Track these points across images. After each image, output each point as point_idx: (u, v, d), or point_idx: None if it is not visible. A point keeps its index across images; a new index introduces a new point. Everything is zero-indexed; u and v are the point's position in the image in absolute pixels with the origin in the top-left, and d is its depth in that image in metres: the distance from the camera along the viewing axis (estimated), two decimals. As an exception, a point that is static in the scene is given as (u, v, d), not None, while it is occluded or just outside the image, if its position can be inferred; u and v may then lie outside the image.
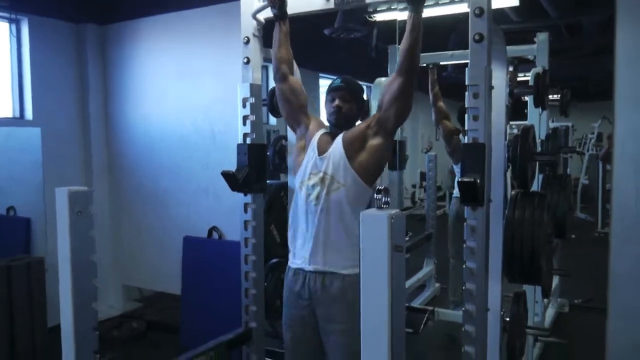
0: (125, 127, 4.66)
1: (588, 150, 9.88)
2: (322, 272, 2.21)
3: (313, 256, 2.21)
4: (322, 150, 2.25)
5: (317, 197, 2.19)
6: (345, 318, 2.15)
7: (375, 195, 1.34)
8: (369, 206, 2.20)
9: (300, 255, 2.28)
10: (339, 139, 2.23)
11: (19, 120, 4.26)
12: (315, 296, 2.22)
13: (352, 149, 2.19)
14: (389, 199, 1.33)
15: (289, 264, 2.34)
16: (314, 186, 2.21)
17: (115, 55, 4.64)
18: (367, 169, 2.19)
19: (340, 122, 2.28)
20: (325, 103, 2.35)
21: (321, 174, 2.21)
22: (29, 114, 4.26)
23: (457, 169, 4.30)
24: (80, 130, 4.64)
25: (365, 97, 2.40)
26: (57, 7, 4.37)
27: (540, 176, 3.49)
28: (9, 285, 3.59)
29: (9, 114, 4.26)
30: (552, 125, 7.37)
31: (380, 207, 1.32)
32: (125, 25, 4.55)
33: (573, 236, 7.34)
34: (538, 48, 3.83)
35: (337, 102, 2.28)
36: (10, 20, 4.10)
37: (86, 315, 1.88)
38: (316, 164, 2.24)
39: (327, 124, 2.37)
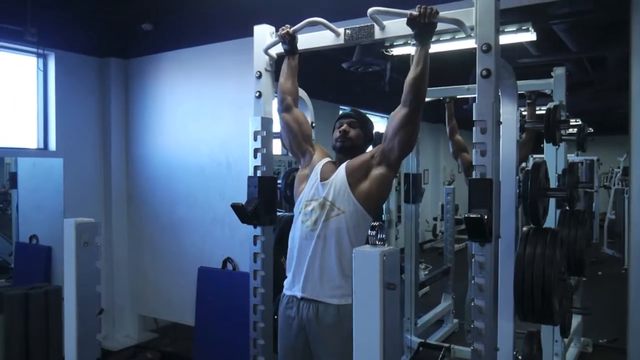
0: (144, 158, 4.74)
1: (614, 185, 9.63)
2: (315, 300, 2.17)
3: (306, 282, 2.18)
4: (324, 176, 2.26)
5: (315, 223, 2.18)
6: (341, 350, 2.07)
7: (369, 231, 1.32)
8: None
9: (295, 282, 2.25)
10: (342, 166, 2.23)
11: (42, 151, 4.37)
12: (310, 326, 2.17)
13: (354, 177, 2.18)
14: (383, 236, 1.31)
15: (284, 291, 2.31)
16: (312, 211, 2.20)
17: (137, 88, 4.76)
18: (369, 197, 2.17)
19: (346, 146, 2.29)
20: (333, 131, 2.38)
21: (321, 200, 2.20)
22: (52, 145, 4.36)
23: None
24: (101, 161, 4.73)
25: (373, 131, 2.44)
26: (83, 42, 4.53)
27: (558, 212, 3.42)
28: (27, 313, 3.64)
29: (34, 145, 4.37)
30: (577, 159, 7.24)
31: (374, 244, 1.30)
32: (147, 60, 4.68)
33: (600, 273, 7.20)
34: (555, 82, 3.81)
35: (344, 126, 2.32)
36: (38, 55, 4.25)
37: (89, 347, 1.89)
38: (317, 190, 2.24)
39: (332, 153, 2.39)
